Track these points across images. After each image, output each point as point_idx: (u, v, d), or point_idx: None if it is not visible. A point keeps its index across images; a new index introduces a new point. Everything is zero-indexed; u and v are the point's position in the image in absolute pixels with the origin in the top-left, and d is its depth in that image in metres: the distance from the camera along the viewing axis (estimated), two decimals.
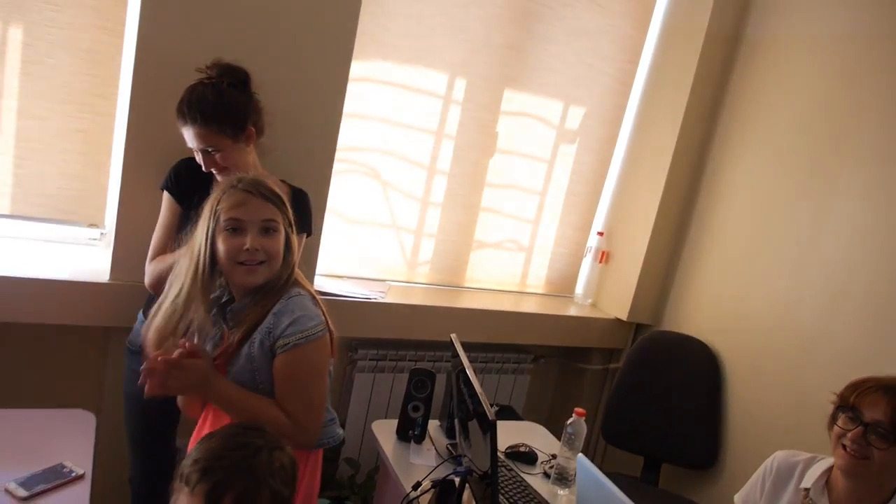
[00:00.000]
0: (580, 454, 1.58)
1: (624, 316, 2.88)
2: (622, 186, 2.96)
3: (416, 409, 1.97)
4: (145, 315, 1.91)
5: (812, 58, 2.43)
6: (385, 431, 2.00)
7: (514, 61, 2.67)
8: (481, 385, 1.55)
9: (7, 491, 1.43)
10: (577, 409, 1.88)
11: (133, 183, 1.97)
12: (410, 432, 1.96)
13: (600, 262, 2.96)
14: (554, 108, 2.82)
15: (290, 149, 2.13)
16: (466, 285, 2.86)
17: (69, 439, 1.65)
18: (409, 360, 2.64)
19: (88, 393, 2.16)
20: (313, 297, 1.50)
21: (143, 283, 1.87)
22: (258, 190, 1.44)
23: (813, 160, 2.38)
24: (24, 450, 1.58)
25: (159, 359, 1.38)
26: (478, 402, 1.48)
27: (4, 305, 1.94)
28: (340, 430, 1.61)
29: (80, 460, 1.56)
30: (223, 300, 1.52)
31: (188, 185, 1.88)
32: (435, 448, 1.95)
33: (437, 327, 2.57)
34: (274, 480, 1.11)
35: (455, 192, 2.71)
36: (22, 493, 1.42)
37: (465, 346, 2.63)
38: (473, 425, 1.61)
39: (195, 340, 1.49)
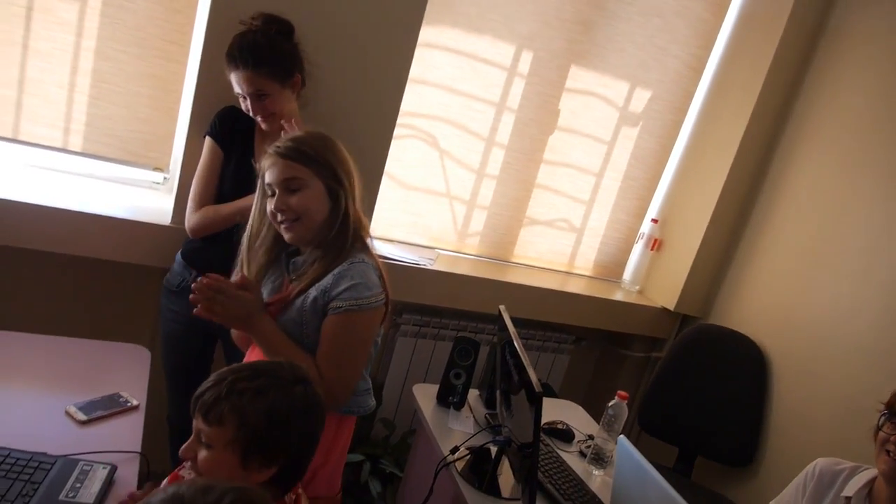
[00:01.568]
0: (622, 436, 1.58)
1: (671, 306, 2.83)
2: (682, 175, 2.90)
3: (457, 376, 1.98)
4: (183, 258, 1.97)
5: None
6: (425, 395, 2.02)
7: (583, 37, 2.62)
8: None
9: (68, 413, 1.50)
10: (619, 392, 1.87)
11: (199, 130, 2.00)
12: (450, 398, 1.98)
13: (651, 249, 2.91)
14: (619, 89, 2.76)
15: (354, 110, 2.15)
16: (514, 261, 2.85)
17: (125, 372, 1.71)
18: (452, 329, 2.65)
19: (143, 330, 2.24)
20: (378, 269, 1.51)
21: None
22: (279, 151, 1.47)
23: (888, 165, 2.28)
24: (83, 377, 1.65)
25: (206, 281, 1.41)
26: (524, 375, 1.48)
27: (72, 239, 2.02)
28: (373, 402, 1.63)
29: (135, 392, 1.62)
30: (289, 250, 1.55)
31: (231, 133, 1.93)
32: (473, 416, 1.97)
33: (483, 299, 2.57)
34: (299, 406, 1.11)
35: (511, 166, 2.69)
36: (81, 416, 1.49)
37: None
38: (517, 397, 1.61)
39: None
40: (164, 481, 1.30)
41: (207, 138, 1.94)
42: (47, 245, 2.01)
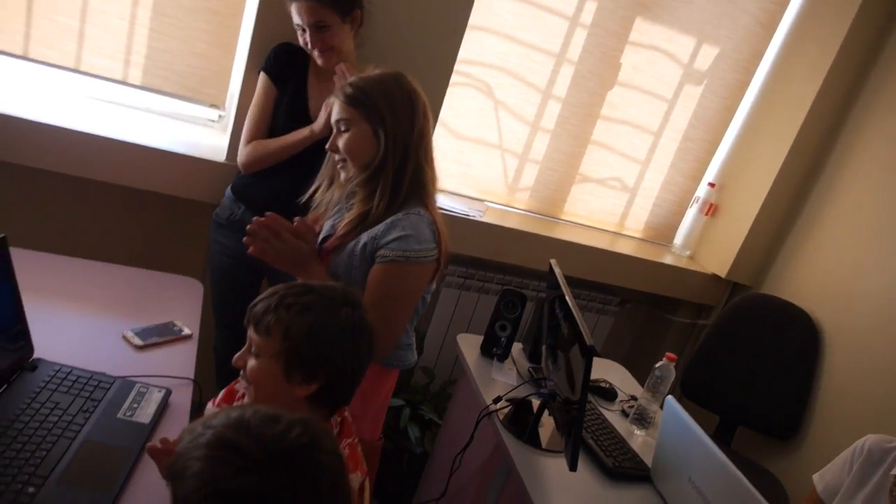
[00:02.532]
0: (669, 396, 1.55)
1: (723, 273, 2.76)
2: (744, 138, 2.78)
3: (503, 328, 1.97)
4: (232, 192, 1.99)
5: None
6: (469, 345, 2.02)
7: None
8: None
9: (125, 338, 1.54)
10: (668, 354, 1.84)
11: (256, 68, 1.99)
12: (494, 350, 1.98)
13: (706, 214, 2.83)
14: (685, 45, 2.64)
15: (410, 55, 2.10)
16: (563, 218, 2.80)
17: (179, 302, 1.75)
18: (496, 283, 2.64)
19: (196, 264, 2.28)
20: (434, 223, 1.49)
21: None
22: (340, 89, 1.47)
23: None
24: (139, 304, 1.69)
25: (263, 221, 1.43)
26: (576, 329, 1.46)
27: (129, 171, 2.06)
28: (414, 357, 1.63)
29: (188, 323, 1.66)
30: (352, 190, 1.54)
31: (286, 69, 1.92)
32: (516, 368, 1.96)
33: (530, 254, 2.55)
34: (344, 327, 1.11)
35: (567, 120, 2.62)
36: (138, 341, 1.53)
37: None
38: (564, 352, 1.60)
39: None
40: (220, 394, 1.33)
41: (262, 74, 1.94)
42: (106, 176, 2.05)
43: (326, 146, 1.50)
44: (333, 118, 1.48)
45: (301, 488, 0.70)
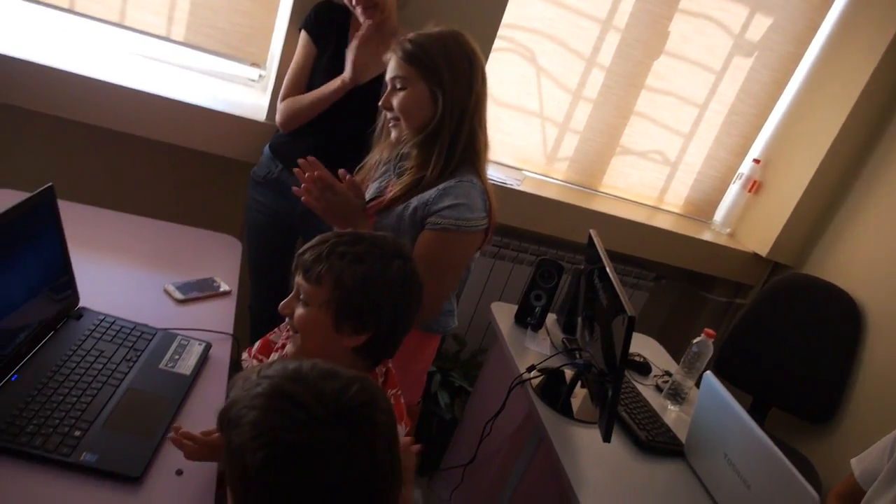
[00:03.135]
0: (708, 372, 1.53)
1: (763, 252, 2.70)
2: (794, 114, 2.69)
3: (538, 297, 1.96)
4: (270, 150, 1.98)
5: None
6: (503, 314, 2.01)
7: None
8: None
9: (166, 291, 1.56)
10: (707, 330, 1.81)
11: (297, 28, 1.97)
12: (528, 319, 1.96)
13: (749, 191, 2.75)
14: (737, 14, 2.55)
15: (453, 16, 2.05)
16: (602, 190, 2.75)
17: (218, 259, 1.77)
18: (531, 254, 2.62)
19: (234, 223, 2.29)
20: (486, 192, 1.46)
21: None
22: (399, 45, 1.43)
23: None
24: (180, 260, 1.71)
25: (318, 174, 1.40)
26: (616, 299, 1.44)
27: (170, 127, 2.07)
28: (455, 323, 1.63)
29: (227, 279, 1.67)
30: (402, 152, 1.52)
31: (326, 27, 1.89)
32: (550, 339, 1.95)
33: (567, 225, 2.51)
34: (395, 279, 1.10)
35: (610, 89, 2.56)
36: (179, 295, 1.55)
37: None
38: (602, 323, 1.58)
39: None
40: (256, 345, 1.33)
41: (302, 31, 1.92)
42: (148, 132, 2.06)
43: (380, 103, 1.46)
44: (389, 74, 1.44)
45: (358, 446, 0.69)
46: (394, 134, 1.46)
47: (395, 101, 1.43)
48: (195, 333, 1.43)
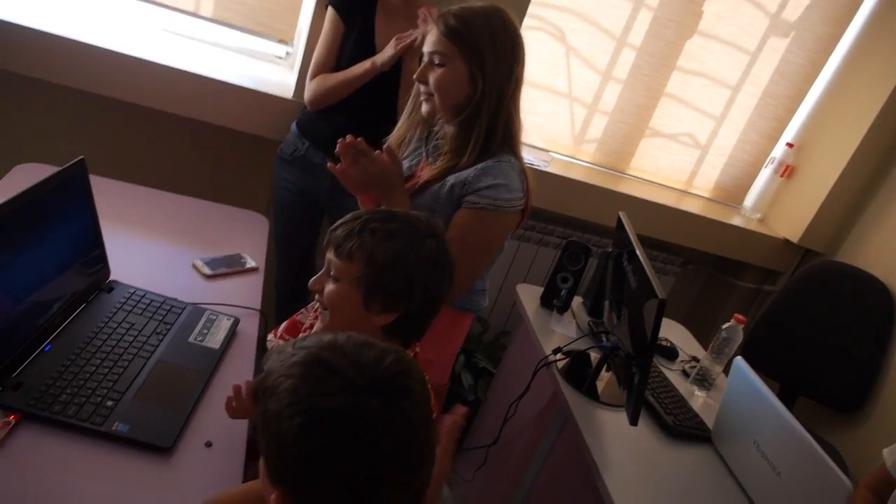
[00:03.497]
0: (738, 357, 1.50)
1: (795, 238, 2.64)
2: (830, 97, 2.62)
3: (564, 280, 1.94)
4: (297, 128, 1.97)
5: None
6: (529, 295, 2.00)
7: None
8: None
9: (194, 266, 1.57)
10: (737, 315, 1.78)
11: (325, 4, 1.95)
12: (554, 301, 1.95)
13: (781, 175, 2.69)
14: None
15: None
16: (630, 173, 2.71)
17: (246, 235, 1.77)
18: (556, 237, 2.59)
19: (260, 201, 2.30)
20: (524, 173, 1.44)
21: None
22: (440, 19, 1.37)
23: None
24: (207, 236, 1.72)
25: (349, 143, 1.36)
26: (646, 282, 1.42)
27: (199, 103, 2.07)
28: (485, 302, 1.62)
29: (255, 256, 1.68)
30: (434, 129, 1.49)
31: (354, 5, 1.88)
32: (576, 321, 1.93)
33: (594, 208, 2.49)
34: (428, 258, 1.08)
35: (640, 70, 2.51)
36: (207, 270, 1.56)
37: (614, 232, 2.54)
38: (630, 306, 1.56)
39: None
40: (283, 325, 1.33)
41: (329, 8, 1.91)
42: (176, 108, 2.07)
43: (415, 76, 1.41)
44: (428, 48, 1.38)
45: (395, 414, 0.69)
46: (425, 108, 1.43)
47: (432, 78, 1.38)
48: (223, 308, 1.43)
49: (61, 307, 1.22)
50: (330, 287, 1.11)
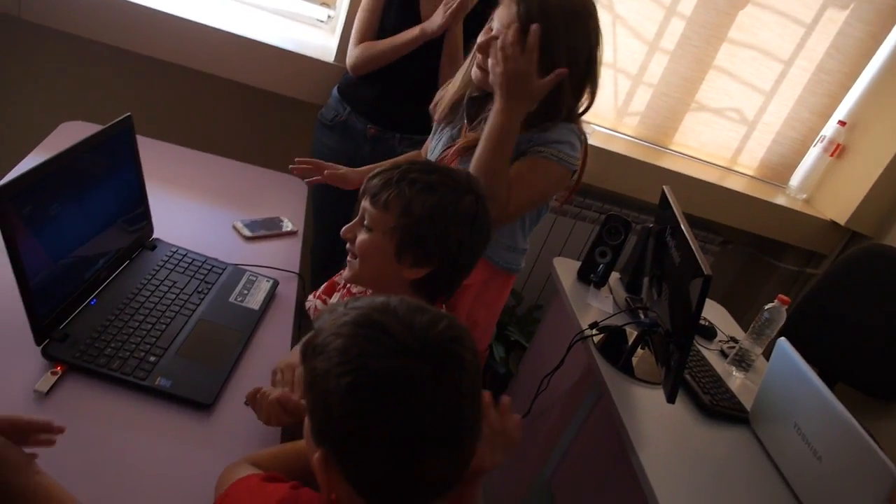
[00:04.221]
0: (782, 339, 1.47)
1: (842, 220, 2.56)
2: (887, 73, 2.50)
3: (602, 254, 1.91)
4: (339, 92, 1.95)
5: None
6: (566, 269, 1.98)
7: None
8: None
9: (235, 228, 1.58)
10: (781, 296, 1.73)
11: None
12: (591, 276, 1.92)
13: (831, 155, 2.60)
14: None
15: None
16: (672, 148, 2.65)
17: (285, 199, 1.78)
18: (594, 211, 2.55)
19: None
20: (584, 143, 1.43)
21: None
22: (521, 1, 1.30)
23: None
24: (247, 198, 1.73)
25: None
26: (690, 258, 1.38)
27: (240, 66, 2.06)
28: (523, 264, 1.60)
29: (294, 220, 1.68)
30: (473, 95, 1.45)
31: None
32: (613, 297, 1.91)
33: (634, 183, 2.44)
34: (465, 214, 1.05)
35: (689, 41, 2.43)
36: (247, 232, 1.56)
37: (654, 208, 2.49)
38: (671, 283, 1.52)
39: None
40: (322, 287, 1.33)
41: None
42: (217, 69, 2.07)
43: (478, 41, 1.35)
44: (498, 22, 1.31)
45: (444, 380, 0.67)
46: (476, 75, 1.39)
47: (493, 54, 1.31)
48: (263, 270, 1.44)
49: (106, 262, 1.24)
50: (363, 236, 1.09)
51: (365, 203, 1.08)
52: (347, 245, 1.13)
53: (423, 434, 0.67)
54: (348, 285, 1.27)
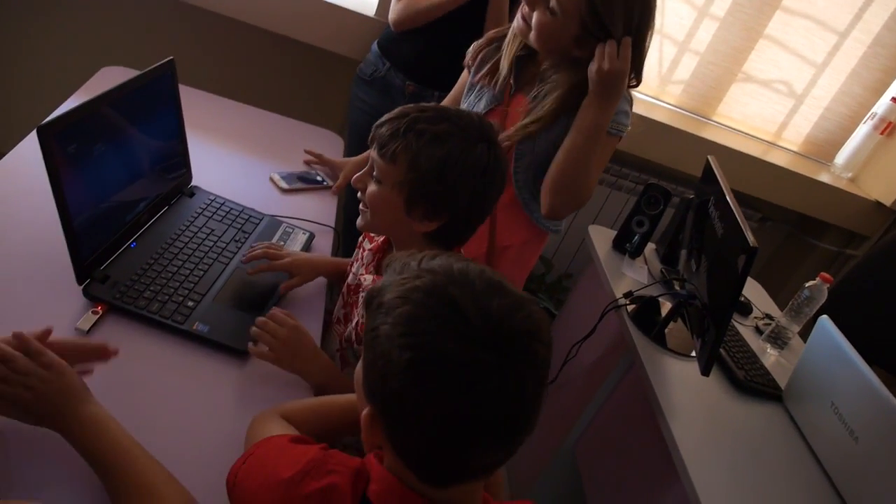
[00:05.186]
0: (824, 317, 1.43)
1: (888, 201, 2.48)
2: None
3: (640, 224, 1.87)
4: (379, 48, 1.92)
5: None
6: (600, 237, 1.95)
7: None
8: None
9: (271, 180, 1.57)
10: (823, 274, 1.69)
11: None
12: (627, 245, 1.89)
13: (882, 133, 2.51)
14: None
15: None
16: (715, 119, 2.57)
17: (322, 153, 1.76)
18: (630, 181, 2.50)
19: (334, 120, 2.28)
20: (631, 104, 1.40)
21: None
22: None
23: None
24: (284, 150, 1.72)
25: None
26: (736, 229, 1.35)
27: (279, 16, 2.04)
28: (563, 225, 1.59)
29: (329, 174, 1.67)
30: (519, 55, 1.40)
31: None
32: (648, 268, 1.88)
33: (673, 153, 2.38)
34: (477, 164, 1.01)
35: (740, 8, 2.34)
36: (283, 184, 1.56)
37: (692, 180, 2.43)
38: (711, 255, 1.49)
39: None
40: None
41: None
42: (258, 20, 2.04)
43: (523, 5, 1.32)
44: None
45: (510, 376, 0.63)
46: (519, 24, 1.34)
47: (536, 17, 1.28)
48: (299, 223, 1.44)
49: (146, 206, 1.24)
50: (372, 188, 1.06)
51: (373, 153, 1.05)
52: (359, 194, 1.10)
53: (478, 424, 0.64)
54: (364, 242, 1.25)
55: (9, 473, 0.81)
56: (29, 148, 1.31)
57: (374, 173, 1.05)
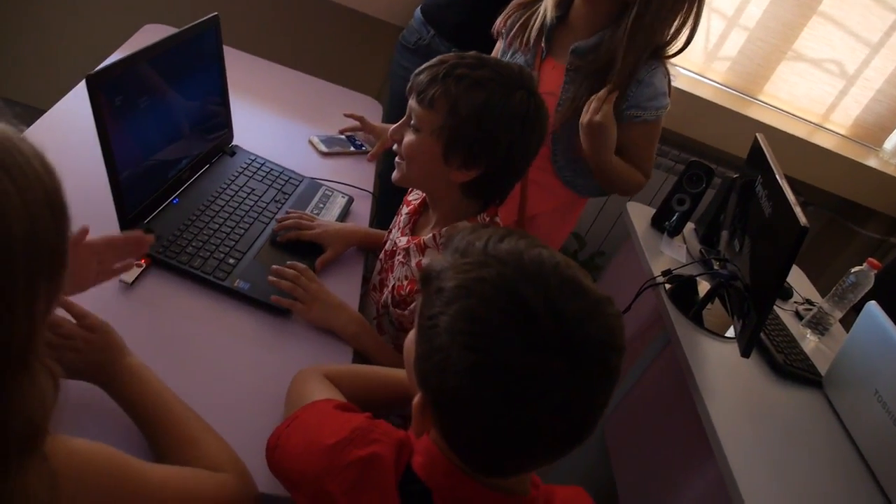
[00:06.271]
0: (872, 302, 1.39)
1: None
2: None
3: (680, 202, 1.83)
4: (423, 14, 1.88)
5: None
6: (639, 215, 1.91)
7: None
8: None
9: (311, 143, 1.56)
10: (870, 259, 1.64)
11: None
12: (666, 224, 1.85)
13: None
14: None
15: None
16: (761, 98, 2.50)
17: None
18: (670, 159, 2.45)
19: (373, 86, 2.26)
20: (670, 82, 1.42)
21: None
22: None
23: None
24: (324, 114, 1.70)
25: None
26: (785, 209, 1.31)
27: None
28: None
29: (368, 140, 1.65)
30: (554, 25, 1.40)
31: None
32: (687, 247, 1.84)
33: (716, 132, 2.32)
34: (516, 112, 0.99)
35: None
36: (323, 148, 1.55)
37: (734, 160, 2.37)
38: (756, 236, 1.45)
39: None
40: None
41: None
42: None
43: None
44: None
45: (582, 387, 0.59)
46: (554, 10, 1.35)
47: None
48: (338, 186, 1.43)
49: (189, 163, 1.24)
50: (409, 137, 1.04)
51: (411, 102, 1.03)
52: (394, 147, 1.09)
53: (539, 433, 0.61)
54: (402, 208, 1.24)
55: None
56: (74, 102, 1.31)
57: (412, 122, 1.04)
